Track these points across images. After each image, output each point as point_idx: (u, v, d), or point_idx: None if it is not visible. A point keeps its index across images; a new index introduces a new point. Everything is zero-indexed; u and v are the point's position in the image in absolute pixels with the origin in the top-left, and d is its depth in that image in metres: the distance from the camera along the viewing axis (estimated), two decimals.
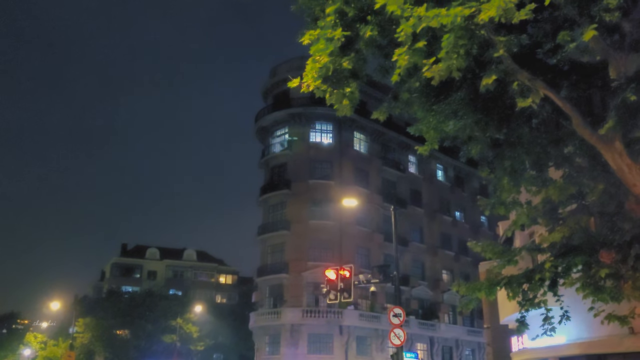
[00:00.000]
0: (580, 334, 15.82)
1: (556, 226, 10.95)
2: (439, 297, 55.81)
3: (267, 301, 49.25)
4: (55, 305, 62.97)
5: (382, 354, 48.05)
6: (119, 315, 62.56)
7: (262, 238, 50.49)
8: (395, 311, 23.54)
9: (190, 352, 63.88)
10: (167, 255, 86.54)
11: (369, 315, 47.68)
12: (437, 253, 56.94)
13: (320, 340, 45.44)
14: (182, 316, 59.99)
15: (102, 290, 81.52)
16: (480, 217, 63.98)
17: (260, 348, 47.68)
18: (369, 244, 50.36)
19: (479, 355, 57.60)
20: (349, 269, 24.04)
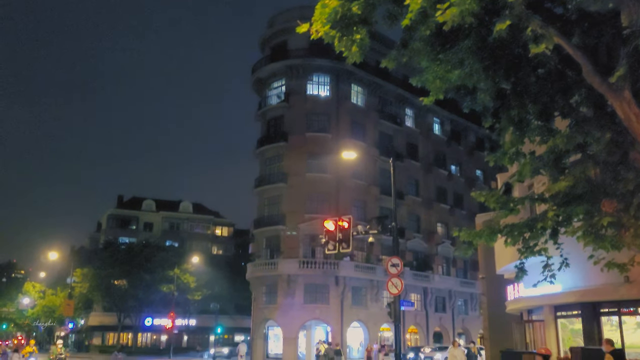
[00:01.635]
0: (576, 283, 16.19)
1: (560, 176, 11.04)
2: (433, 250, 56.61)
3: (263, 252, 49.82)
4: (52, 255, 63.49)
5: (377, 303, 49.08)
6: (117, 265, 63.32)
7: (259, 190, 50.67)
8: (393, 261, 23.91)
9: (187, 301, 65.07)
10: (163, 207, 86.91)
11: (365, 266, 48.41)
12: (432, 206, 57.44)
13: (317, 291, 46.25)
14: (179, 267, 60.81)
15: (99, 241, 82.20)
16: (476, 171, 64.34)
17: (257, 298, 48.51)
18: (365, 196, 50.68)
19: (470, 305, 58.90)
20: (348, 220, 24.24)
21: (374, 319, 48.51)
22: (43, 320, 78.18)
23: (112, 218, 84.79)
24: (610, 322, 16.86)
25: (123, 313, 66.69)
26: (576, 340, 17.49)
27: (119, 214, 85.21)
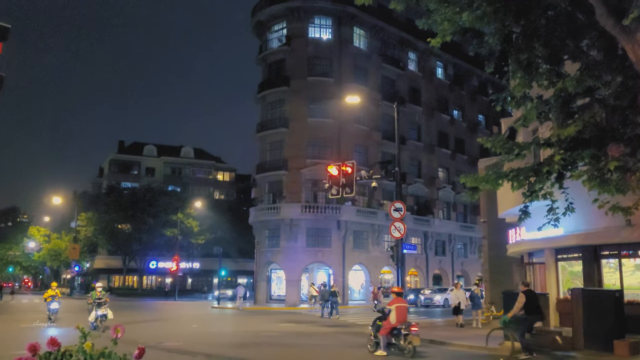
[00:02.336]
0: (578, 226, 16.42)
1: (568, 120, 11.05)
2: (434, 194, 57.02)
3: (266, 197, 50.21)
4: (56, 200, 64.05)
5: (378, 247, 49.83)
6: (120, 210, 63.88)
7: (260, 135, 50.60)
8: (396, 205, 24.17)
9: (191, 245, 66.04)
10: (164, 152, 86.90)
11: (366, 211, 48.90)
12: (433, 151, 57.49)
13: (319, 234, 46.88)
14: (182, 211, 61.39)
15: (101, 186, 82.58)
16: (478, 116, 64.06)
17: (260, 241, 49.22)
18: (366, 142, 50.66)
19: (470, 249, 59.83)
20: (351, 165, 24.37)
21: (375, 262, 49.38)
22: (49, 263, 79.61)
23: (113, 163, 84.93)
24: (609, 265, 17.20)
25: (128, 256, 67.80)
26: (575, 282, 17.89)
27: (121, 159, 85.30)
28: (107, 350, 4.00)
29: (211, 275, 70.30)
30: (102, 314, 19.66)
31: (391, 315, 14.14)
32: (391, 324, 14.04)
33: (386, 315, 14.41)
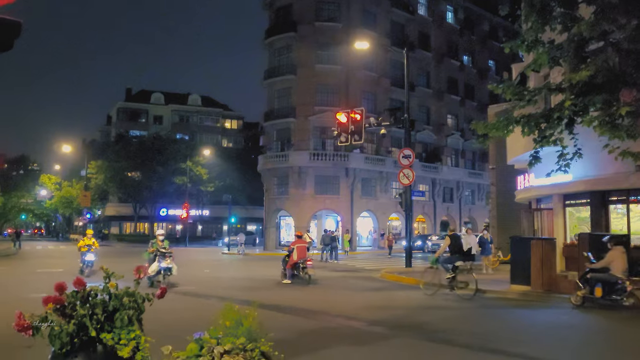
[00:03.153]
0: (586, 172, 16.45)
1: (580, 65, 10.93)
2: (442, 141, 56.84)
3: (274, 145, 50.23)
4: (66, 148, 64.38)
5: (386, 194, 50.12)
6: (129, 158, 64.19)
7: (268, 82, 50.18)
8: (405, 153, 24.24)
9: (201, 192, 66.65)
10: (172, 100, 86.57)
11: (374, 158, 48.94)
12: (442, 98, 56.95)
13: (327, 182, 47.12)
14: (191, 159, 61.63)
15: (110, 134, 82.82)
16: (488, 62, 63.04)
17: (269, 189, 49.57)
18: (375, 88, 50.19)
19: (477, 195, 60.06)
20: (360, 112, 24.32)
21: (383, 208, 49.78)
22: (61, 210, 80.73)
23: (121, 111, 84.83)
24: (617, 210, 17.30)
25: (138, 204, 68.59)
26: (582, 228, 18.04)
27: (128, 107, 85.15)
28: (130, 289, 4.18)
29: (221, 222, 71.20)
30: (166, 266, 16.21)
31: (294, 254, 18.00)
32: (294, 260, 17.97)
33: (290, 253, 18.23)
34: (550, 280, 14.91)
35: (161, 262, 16.30)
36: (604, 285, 12.37)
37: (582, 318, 11.79)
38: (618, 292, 12.16)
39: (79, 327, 3.86)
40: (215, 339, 4.06)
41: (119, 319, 4.00)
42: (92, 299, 4.02)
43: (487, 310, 12.84)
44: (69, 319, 3.88)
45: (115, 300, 4.07)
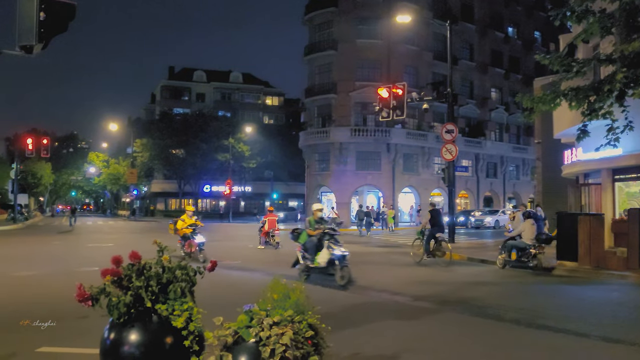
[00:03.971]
0: (637, 146, 15.94)
1: (632, 35, 10.54)
2: (486, 115, 55.80)
3: (315, 121, 50.27)
4: (112, 126, 65.92)
5: (428, 170, 49.71)
6: (173, 135, 65.31)
7: (308, 58, 50.06)
8: (448, 127, 23.94)
9: (243, 169, 67.39)
10: (213, 78, 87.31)
11: (416, 133, 48.49)
12: (486, 71, 55.75)
13: (368, 158, 47.01)
14: (233, 136, 62.27)
15: (154, 112, 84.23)
16: (534, 33, 61.21)
17: (310, 165, 49.78)
18: (417, 62, 49.50)
19: (522, 170, 58.94)
20: (402, 87, 24.08)
21: (425, 184, 49.43)
22: (109, 187, 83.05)
23: (165, 89, 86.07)
24: None
25: (183, 180, 69.89)
26: (631, 203, 17.56)
27: (172, 85, 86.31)
28: (182, 262, 4.33)
29: (263, 198, 72.00)
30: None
31: (265, 225, 22.66)
32: (265, 230, 22.61)
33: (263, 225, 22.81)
34: (599, 257, 14.61)
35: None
36: (518, 250, 15.06)
37: (634, 295, 11.57)
38: (526, 255, 14.85)
39: (135, 298, 4.03)
40: (265, 311, 4.18)
41: (172, 291, 4.15)
42: (146, 271, 4.18)
43: (535, 286, 12.72)
44: (125, 290, 4.06)
45: (168, 273, 4.22)
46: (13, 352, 6.34)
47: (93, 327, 6.93)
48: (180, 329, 3.99)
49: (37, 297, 10.47)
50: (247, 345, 3.96)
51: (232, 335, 4.04)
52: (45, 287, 11.84)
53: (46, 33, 3.39)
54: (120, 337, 3.98)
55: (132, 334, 3.97)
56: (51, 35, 3.45)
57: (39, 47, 3.37)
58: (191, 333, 4.02)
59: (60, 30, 3.54)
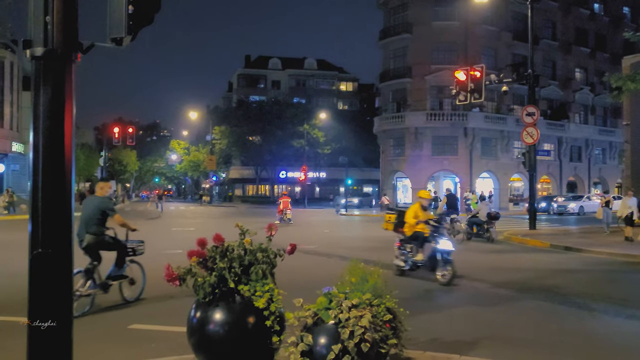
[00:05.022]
0: None
1: None
2: (569, 97, 53.41)
3: (390, 106, 49.85)
4: (192, 115, 68.09)
5: (507, 154, 48.28)
6: (250, 122, 66.71)
7: (383, 43, 49.59)
8: (529, 110, 23.15)
9: (318, 155, 67.94)
10: (288, 65, 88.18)
11: (495, 116, 47.15)
12: (570, 50, 53.23)
13: (444, 142, 46.19)
14: (308, 122, 62.80)
15: (231, 100, 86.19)
16: (622, 8, 57.73)
17: (385, 150, 49.50)
18: (495, 43, 47.96)
19: (609, 154, 56.13)
20: (480, 69, 23.42)
21: (504, 169, 48.06)
22: (190, 173, 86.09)
23: (241, 78, 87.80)
24: None
25: (259, 167, 71.33)
26: None
27: (248, 74, 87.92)
28: (263, 245, 4.47)
29: (337, 184, 72.28)
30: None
31: (280, 205, 28.91)
32: (280, 208, 28.75)
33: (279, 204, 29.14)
34: None
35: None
36: (477, 225, 19.40)
37: None
38: (482, 229, 19.08)
39: (219, 279, 4.20)
40: (343, 293, 4.25)
41: (254, 272, 4.30)
42: (229, 253, 4.34)
43: (624, 274, 12.17)
44: (210, 271, 4.24)
45: (250, 255, 4.36)
46: (108, 328, 6.75)
47: (179, 306, 7.27)
48: (262, 309, 4.13)
49: None
50: (327, 327, 4.04)
51: (312, 317, 4.14)
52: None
53: (134, 25, 3.56)
54: (206, 316, 4.17)
55: (216, 313, 4.15)
56: (139, 27, 3.63)
57: (128, 39, 3.54)
58: (272, 313, 4.15)
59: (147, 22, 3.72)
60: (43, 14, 3.34)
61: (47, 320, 3.28)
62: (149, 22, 3.73)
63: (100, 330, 6.45)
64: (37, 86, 3.37)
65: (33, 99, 3.38)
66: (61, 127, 3.39)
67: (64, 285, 3.33)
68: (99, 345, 5.79)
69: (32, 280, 3.30)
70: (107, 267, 8.20)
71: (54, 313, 3.30)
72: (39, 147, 3.34)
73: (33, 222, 3.33)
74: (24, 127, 51.78)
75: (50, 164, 3.35)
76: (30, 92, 3.43)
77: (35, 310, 3.29)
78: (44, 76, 3.36)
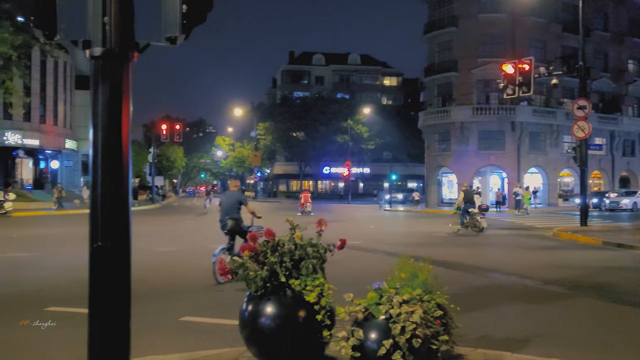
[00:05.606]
0: None
1: None
2: (622, 89, 51.67)
3: (435, 100, 49.30)
4: (237, 112, 68.93)
5: (557, 149, 47.15)
6: (294, 118, 67.12)
7: (428, 37, 49.04)
8: (580, 103, 22.57)
9: (361, 150, 67.88)
10: (332, 61, 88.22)
11: (544, 110, 46.07)
12: (623, 41, 51.43)
13: (491, 137, 45.41)
14: (352, 118, 62.73)
15: (275, 97, 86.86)
16: None
17: (430, 145, 48.99)
18: (544, 35, 46.78)
19: None
20: (529, 62, 22.93)
21: (554, 164, 46.93)
22: (235, 169, 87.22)
23: (285, 74, 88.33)
24: None
25: (303, 162, 71.70)
26: None
27: (292, 70, 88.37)
28: (313, 240, 4.50)
29: (381, 179, 72.02)
30: None
31: (302, 199, 32.73)
32: (301, 202, 32.39)
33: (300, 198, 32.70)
34: None
35: None
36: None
37: None
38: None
39: (271, 273, 4.26)
40: (394, 289, 4.24)
41: (305, 267, 4.34)
42: (280, 248, 4.39)
43: None
44: (261, 265, 4.30)
45: (300, 250, 4.41)
46: (160, 320, 6.93)
47: (228, 299, 7.40)
48: (313, 303, 4.16)
49: (176, 272, 11.32)
50: (378, 322, 4.05)
51: (363, 312, 4.15)
52: (183, 262, 12.78)
53: (188, 24, 3.63)
54: (258, 310, 4.23)
55: (268, 307, 4.21)
56: (192, 26, 3.70)
57: (182, 38, 3.62)
58: (323, 308, 4.18)
59: (200, 21, 3.79)
60: (101, 15, 3.43)
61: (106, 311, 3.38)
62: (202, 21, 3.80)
63: (153, 322, 6.62)
64: (95, 85, 3.46)
65: (92, 97, 3.47)
66: (119, 125, 3.48)
67: (122, 276, 3.43)
68: (152, 337, 5.95)
69: (92, 272, 3.40)
70: None
71: (112, 303, 3.40)
72: (97, 144, 3.43)
73: (92, 216, 3.42)
74: (76, 125, 53.49)
75: (109, 160, 3.44)
76: (90, 91, 3.52)
77: (95, 301, 3.40)
78: (102, 75, 3.45)
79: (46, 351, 5.79)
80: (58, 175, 51.10)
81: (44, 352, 5.76)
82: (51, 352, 5.74)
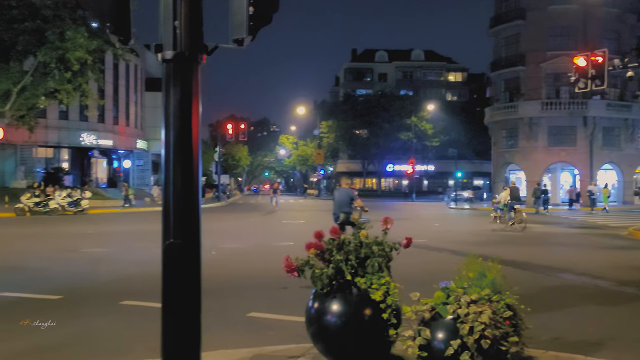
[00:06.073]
0: None
1: None
2: None
3: (502, 95, 48.06)
4: (300, 110, 69.51)
5: (632, 144, 45.07)
6: (357, 116, 67.04)
7: (494, 30, 47.82)
8: None
9: (426, 148, 67.02)
10: (395, 57, 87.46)
11: (618, 104, 44.05)
12: None
13: (562, 133, 43.84)
14: (416, 114, 62.04)
15: (338, 94, 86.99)
16: None
17: (497, 142, 47.82)
18: (618, 26, 44.65)
19: None
20: (602, 54, 21.96)
21: (629, 160, 44.82)
22: (298, 167, 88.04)
23: (348, 71, 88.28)
24: None
25: (366, 160, 71.50)
26: None
27: (354, 67, 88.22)
28: (379, 238, 4.49)
29: (446, 177, 70.84)
30: None
31: None
32: None
33: None
34: None
35: None
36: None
37: None
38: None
39: (336, 271, 4.28)
40: (462, 288, 4.18)
41: (370, 265, 4.34)
42: (345, 246, 4.40)
43: None
44: (327, 263, 4.33)
45: (366, 248, 4.41)
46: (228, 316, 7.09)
47: (293, 297, 7.49)
48: (379, 302, 4.16)
49: (242, 269, 11.54)
50: (445, 322, 4.00)
51: (429, 311, 4.11)
52: (248, 259, 13.02)
53: (255, 26, 3.69)
54: (323, 307, 4.27)
55: (334, 305, 4.23)
56: (258, 27, 3.76)
57: (248, 40, 3.68)
58: (389, 306, 4.17)
59: (266, 23, 3.84)
60: (172, 19, 3.54)
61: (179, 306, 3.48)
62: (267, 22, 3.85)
63: (221, 317, 6.78)
64: (167, 87, 3.57)
65: (164, 98, 3.59)
66: (189, 125, 3.58)
67: (193, 273, 3.53)
68: (221, 332, 6.09)
69: (165, 269, 3.52)
70: None
71: (184, 299, 3.50)
72: (169, 144, 3.53)
73: (165, 214, 3.53)
74: (146, 126, 55.44)
75: (180, 159, 3.54)
76: (161, 93, 3.64)
77: (168, 296, 3.51)
78: (173, 77, 3.55)
79: (121, 343, 6.04)
80: (130, 174, 53.14)
81: (118, 344, 6.01)
82: (126, 343, 5.98)
